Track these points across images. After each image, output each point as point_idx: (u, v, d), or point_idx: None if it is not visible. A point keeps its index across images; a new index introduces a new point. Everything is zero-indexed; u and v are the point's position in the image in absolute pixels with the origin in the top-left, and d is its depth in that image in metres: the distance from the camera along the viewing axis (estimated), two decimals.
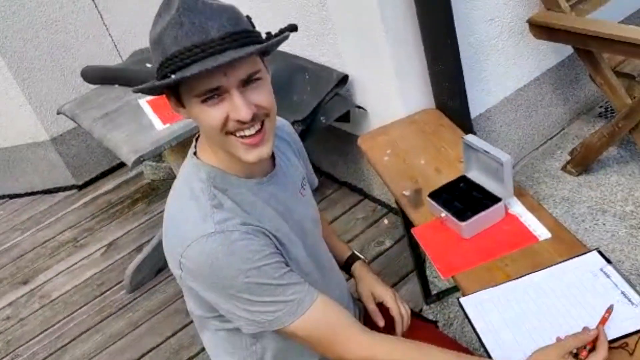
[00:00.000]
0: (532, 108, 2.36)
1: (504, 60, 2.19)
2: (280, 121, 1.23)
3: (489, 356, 1.09)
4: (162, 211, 1.10)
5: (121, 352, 2.22)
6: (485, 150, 1.45)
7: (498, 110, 2.24)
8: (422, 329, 1.37)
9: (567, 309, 1.12)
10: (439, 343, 1.11)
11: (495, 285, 1.25)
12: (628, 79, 1.96)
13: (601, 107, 2.55)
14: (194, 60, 0.89)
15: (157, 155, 2.99)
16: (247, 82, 0.94)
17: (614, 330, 1.07)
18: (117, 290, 2.54)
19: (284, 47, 1.12)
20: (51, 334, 2.42)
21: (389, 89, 2.02)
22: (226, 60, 0.88)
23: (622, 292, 1.15)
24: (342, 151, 2.52)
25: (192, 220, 0.98)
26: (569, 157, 2.28)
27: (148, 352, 2.19)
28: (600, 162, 2.27)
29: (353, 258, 1.39)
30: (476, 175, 1.53)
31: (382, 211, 2.45)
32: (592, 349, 1.00)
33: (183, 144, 1.97)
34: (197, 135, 1.10)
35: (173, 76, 0.90)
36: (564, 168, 2.27)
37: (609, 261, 1.23)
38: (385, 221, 2.39)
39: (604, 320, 1.04)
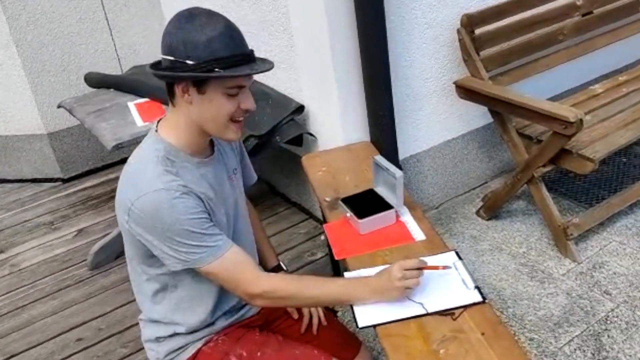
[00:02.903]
0: (458, 159, 2.73)
1: (435, 115, 2.57)
2: None
3: (354, 316, 1.42)
4: None
5: (73, 315, 2.50)
6: (386, 168, 1.83)
7: (427, 155, 2.61)
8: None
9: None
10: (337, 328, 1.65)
11: (373, 267, 1.62)
12: (528, 140, 2.36)
13: None
14: (241, 63, 1.25)
15: None
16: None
17: (448, 303, 1.42)
18: (79, 267, 2.82)
19: (257, 76, 1.41)
20: (14, 295, 2.69)
21: (335, 121, 2.39)
22: (263, 69, 1.28)
23: (462, 280, 1.51)
24: (295, 174, 2.86)
25: (146, 178, 1.30)
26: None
27: (96, 317, 2.47)
28: (509, 212, 2.65)
29: (278, 268, 1.73)
30: (381, 189, 1.90)
31: (321, 229, 2.79)
32: None
33: None
34: (159, 118, 1.45)
35: (223, 71, 1.22)
36: (477, 212, 2.65)
37: (461, 259, 1.60)
38: (322, 237, 2.74)
39: (432, 267, 1.44)
